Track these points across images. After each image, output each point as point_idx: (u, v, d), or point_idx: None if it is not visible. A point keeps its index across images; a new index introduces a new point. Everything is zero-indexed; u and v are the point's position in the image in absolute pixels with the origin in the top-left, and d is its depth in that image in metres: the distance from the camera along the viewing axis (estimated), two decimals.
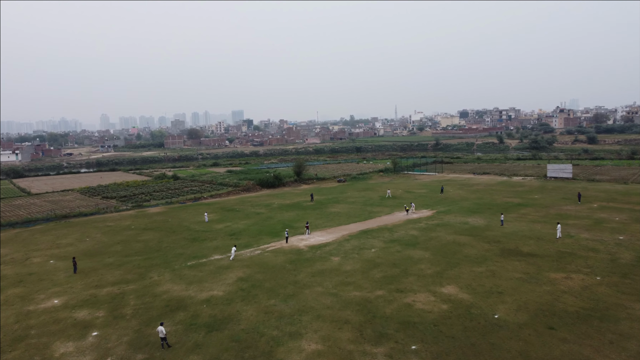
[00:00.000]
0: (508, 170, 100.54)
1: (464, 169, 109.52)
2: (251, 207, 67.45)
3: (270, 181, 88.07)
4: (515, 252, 39.92)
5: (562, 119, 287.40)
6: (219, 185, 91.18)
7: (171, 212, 65.90)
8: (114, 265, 40.83)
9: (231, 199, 77.20)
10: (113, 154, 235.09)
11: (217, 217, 60.61)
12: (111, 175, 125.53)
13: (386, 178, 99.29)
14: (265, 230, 51.79)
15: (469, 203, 64.05)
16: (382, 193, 75.80)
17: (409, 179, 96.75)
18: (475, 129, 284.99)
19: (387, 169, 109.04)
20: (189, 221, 58.94)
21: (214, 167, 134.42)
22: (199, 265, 39.58)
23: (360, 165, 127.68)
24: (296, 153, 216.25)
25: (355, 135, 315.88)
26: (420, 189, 79.52)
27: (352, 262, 38.44)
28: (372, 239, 45.79)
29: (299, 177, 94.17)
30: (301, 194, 79.59)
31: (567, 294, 30.10)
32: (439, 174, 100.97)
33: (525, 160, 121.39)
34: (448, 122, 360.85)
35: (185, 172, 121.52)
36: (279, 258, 40.59)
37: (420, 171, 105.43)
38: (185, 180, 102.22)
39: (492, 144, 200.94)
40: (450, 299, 29.80)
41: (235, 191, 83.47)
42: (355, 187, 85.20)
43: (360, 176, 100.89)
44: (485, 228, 48.85)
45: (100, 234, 53.48)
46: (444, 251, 40.73)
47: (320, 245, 44.46)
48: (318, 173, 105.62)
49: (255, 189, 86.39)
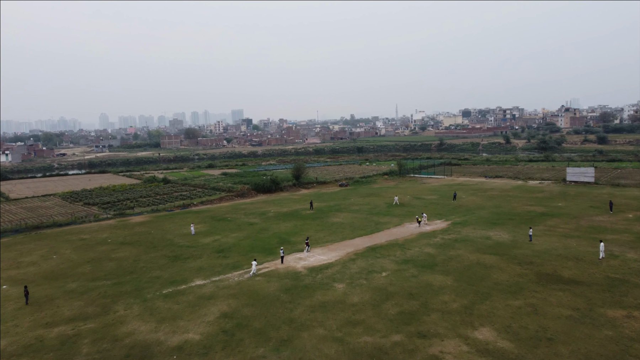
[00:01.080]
0: (522, 173, 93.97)
1: (474, 171, 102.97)
2: (244, 216, 60.93)
3: (267, 186, 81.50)
4: (554, 277, 33.40)
5: (568, 118, 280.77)
6: (212, 190, 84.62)
7: (155, 222, 59.36)
8: (76, 292, 34.30)
9: (223, 206, 70.65)
10: (107, 154, 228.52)
11: (205, 229, 54.08)
12: (100, 177, 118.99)
13: (391, 182, 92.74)
14: (259, 246, 45.26)
15: (486, 212, 57.50)
16: (389, 199, 69.29)
17: (416, 182, 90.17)
18: (479, 129, 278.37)
19: (392, 171, 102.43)
20: (173, 233, 52.39)
21: (209, 169, 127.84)
22: (176, 294, 33.05)
23: (362, 167, 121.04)
24: (295, 153, 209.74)
25: (356, 135, 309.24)
26: (430, 195, 72.99)
27: (359, 291, 31.93)
28: (382, 259, 39.28)
29: (297, 181, 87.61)
30: (300, 200, 73.06)
31: (636, 342, 23.58)
32: (448, 177, 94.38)
33: (537, 162, 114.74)
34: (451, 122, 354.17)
35: (178, 175, 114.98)
36: (272, 284, 34.08)
37: (428, 174, 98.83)
38: (176, 184, 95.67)
39: (498, 144, 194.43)
40: (489, 350, 23.28)
41: (228, 197, 76.91)
42: (358, 193, 78.65)
43: (364, 180, 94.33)
44: (512, 244, 42.33)
45: (71, 250, 46.94)
46: (468, 276, 34.22)
47: (321, 266, 37.95)
48: (318, 176, 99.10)
49: (251, 194, 79.83)
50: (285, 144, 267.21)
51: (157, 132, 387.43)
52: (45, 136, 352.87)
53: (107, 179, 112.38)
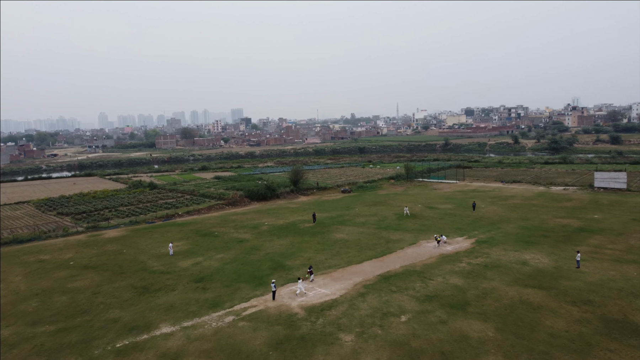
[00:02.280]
0: (541, 178, 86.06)
1: (487, 175, 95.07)
2: (234, 230, 53.13)
3: (262, 193, 73.64)
4: (627, 326, 25.62)
5: (576, 117, 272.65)
6: (201, 197, 76.74)
7: (130, 238, 51.52)
8: (5, 345, 26.47)
9: (212, 216, 62.83)
10: (100, 155, 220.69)
11: (186, 247, 46.28)
12: (85, 181, 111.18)
13: (399, 187, 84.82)
14: (246, 273, 37.42)
15: (513, 227, 49.64)
16: (398, 209, 61.48)
17: (426, 188, 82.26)
18: (484, 128, 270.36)
19: (399, 175, 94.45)
20: (148, 254, 44.57)
21: (202, 172, 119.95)
22: (132, 348, 25.23)
23: (366, 170, 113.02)
24: (295, 154, 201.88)
25: (357, 134, 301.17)
26: (444, 203, 65.14)
27: (374, 347, 24.14)
28: (399, 294, 31.45)
29: (296, 187, 79.73)
30: (298, 209, 65.25)
31: None
32: (461, 182, 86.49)
33: (554, 165, 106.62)
34: (455, 121, 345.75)
35: (168, 178, 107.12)
36: (259, 335, 26.27)
37: (438, 178, 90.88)
38: (163, 189, 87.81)
39: (506, 145, 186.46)
40: None
41: (218, 205, 69.07)
42: (363, 200, 70.79)
43: (368, 185, 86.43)
44: (556, 273, 34.50)
45: (22, 277, 39.13)
46: (513, 322, 26.42)
47: (322, 305, 30.13)
48: (319, 181, 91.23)
49: (243, 202, 71.96)
50: (284, 144, 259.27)
51: (154, 131, 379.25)
52: (39, 136, 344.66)
53: (91, 183, 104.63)
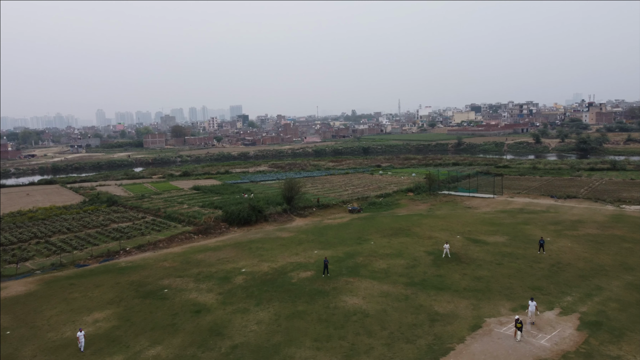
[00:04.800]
0: (599, 191, 68.27)
1: (527, 186, 77.17)
2: (193, 285, 35.53)
3: (244, 215, 55.81)
4: None
5: (594, 113, 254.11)
6: (166, 219, 59.02)
7: (37, 300, 33.89)
8: None
9: (170, 254, 45.15)
10: (80, 155, 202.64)
11: (108, 326, 28.78)
12: (42, 191, 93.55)
13: (421, 204, 66.97)
14: None
15: (620, 285, 32.03)
16: (430, 243, 43.95)
17: (456, 206, 64.39)
18: (496, 126, 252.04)
19: (418, 187, 76.33)
20: (44, 339, 27.01)
21: (181, 180, 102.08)
22: None
23: (376, 178, 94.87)
24: (292, 155, 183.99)
25: (359, 132, 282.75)
26: (491, 233, 47.44)
27: None
28: None
29: (290, 206, 61.97)
30: (291, 242, 47.58)
31: None
32: (499, 197, 68.46)
33: (603, 172, 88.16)
34: (463, 118, 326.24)
35: (139, 189, 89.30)
36: None
37: (469, 191, 72.67)
38: (124, 206, 69.99)
39: (526, 144, 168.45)
40: None
41: (184, 235, 51.41)
42: (379, 226, 53.04)
43: (382, 200, 68.69)
44: None
45: None
46: None
47: None
48: (320, 195, 73.41)
49: (219, 228, 54.27)
50: (281, 143, 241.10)
51: (146, 129, 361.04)
52: (24, 134, 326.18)
53: (47, 195, 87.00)
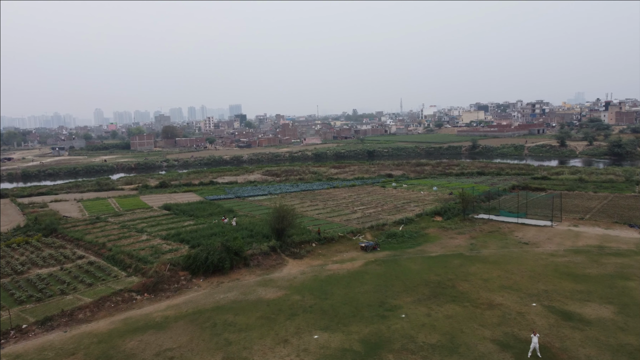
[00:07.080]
0: None
1: (585, 206, 60.69)
2: None
3: (214, 261, 39.26)
4: None
5: (614, 113, 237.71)
6: (108, 263, 42.52)
7: None
8: None
9: (88, 337, 28.73)
10: (58, 159, 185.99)
11: None
12: None
13: (456, 235, 50.45)
14: None
15: None
16: (493, 318, 27.78)
17: (506, 240, 47.73)
18: (508, 126, 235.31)
19: (448, 208, 59.57)
20: None
21: (155, 193, 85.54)
22: None
23: (388, 192, 78.14)
24: (290, 159, 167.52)
25: (362, 133, 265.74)
26: (581, 298, 31.09)
27: None
28: None
29: (281, 241, 45.52)
30: (278, 314, 31.25)
31: None
32: (559, 226, 51.94)
33: None
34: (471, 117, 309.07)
35: (99, 206, 72.78)
36: None
37: (515, 215, 56.01)
38: (63, 237, 53.33)
39: (549, 147, 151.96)
40: None
41: (124, 295, 34.99)
42: (408, 277, 36.62)
43: (402, 228, 52.22)
44: None
45: None
46: None
47: None
48: (321, 221, 56.94)
49: (176, 281, 37.81)
50: (279, 145, 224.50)
51: (138, 129, 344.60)
52: (8, 135, 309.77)
53: None
